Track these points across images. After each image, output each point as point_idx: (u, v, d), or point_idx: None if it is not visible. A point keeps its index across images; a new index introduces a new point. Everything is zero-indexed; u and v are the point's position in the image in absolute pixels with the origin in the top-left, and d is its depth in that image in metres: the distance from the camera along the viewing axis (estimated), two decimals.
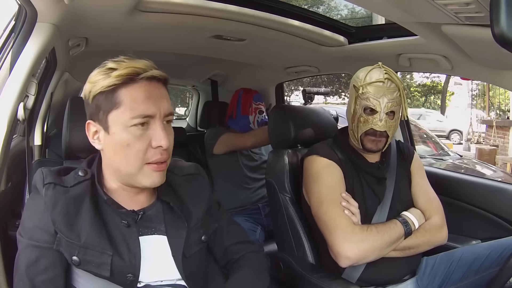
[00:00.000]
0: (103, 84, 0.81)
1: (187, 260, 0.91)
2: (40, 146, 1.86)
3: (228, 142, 2.11)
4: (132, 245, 0.85)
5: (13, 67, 1.00)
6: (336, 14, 12.40)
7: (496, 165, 6.56)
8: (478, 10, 0.86)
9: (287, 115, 1.57)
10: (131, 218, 0.88)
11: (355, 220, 1.21)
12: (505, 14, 0.59)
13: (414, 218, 1.27)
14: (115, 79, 0.80)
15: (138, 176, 0.84)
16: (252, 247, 1.07)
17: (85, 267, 0.82)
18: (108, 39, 1.54)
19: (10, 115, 0.98)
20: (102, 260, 0.82)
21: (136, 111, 0.81)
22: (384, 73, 1.27)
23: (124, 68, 0.81)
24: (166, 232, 0.91)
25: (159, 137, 0.82)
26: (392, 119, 1.29)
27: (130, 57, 0.84)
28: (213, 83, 2.71)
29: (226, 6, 1.26)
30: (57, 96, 2.19)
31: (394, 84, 1.27)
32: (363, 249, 1.16)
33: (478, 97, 12.14)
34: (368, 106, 1.28)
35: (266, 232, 2.05)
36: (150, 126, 0.83)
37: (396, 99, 1.27)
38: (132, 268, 0.84)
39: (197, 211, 0.96)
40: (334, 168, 1.30)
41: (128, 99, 0.81)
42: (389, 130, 1.29)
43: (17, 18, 1.08)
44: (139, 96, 0.81)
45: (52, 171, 0.87)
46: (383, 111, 1.26)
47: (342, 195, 1.25)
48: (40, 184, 0.84)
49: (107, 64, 0.83)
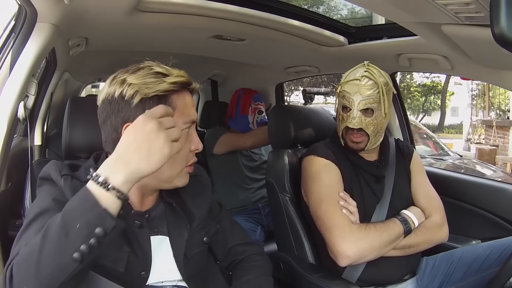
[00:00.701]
0: (159, 88, 0.80)
1: (188, 261, 0.91)
2: (40, 146, 1.86)
3: (228, 142, 2.11)
4: (144, 244, 0.86)
5: (13, 67, 1.00)
6: (336, 14, 12.40)
7: (496, 165, 6.56)
8: (478, 10, 0.86)
9: (287, 115, 1.57)
10: (143, 219, 0.88)
11: (354, 219, 1.21)
12: (505, 14, 0.59)
13: (413, 217, 1.27)
14: (172, 86, 0.82)
15: (176, 178, 0.87)
16: (256, 248, 1.09)
17: (100, 260, 0.80)
18: (108, 39, 1.54)
19: (10, 115, 0.98)
20: (119, 255, 0.82)
21: (188, 116, 0.85)
22: (364, 71, 1.28)
23: (177, 76, 0.83)
24: (168, 233, 0.91)
25: (196, 141, 0.89)
26: (371, 117, 1.27)
27: (158, 63, 0.86)
28: (213, 83, 2.72)
29: (226, 6, 1.26)
30: (57, 96, 2.20)
31: (373, 81, 1.26)
32: (362, 248, 1.16)
33: (478, 97, 12.14)
34: (343, 103, 1.30)
35: (266, 232, 2.05)
36: (189, 131, 0.87)
37: (372, 96, 1.26)
38: (145, 266, 0.85)
39: (199, 212, 0.96)
40: (332, 168, 1.30)
41: (181, 105, 0.84)
42: (367, 128, 1.27)
43: (17, 18, 1.08)
44: (188, 103, 0.86)
45: (65, 164, 0.86)
46: (356, 108, 1.26)
47: (340, 194, 1.25)
48: (56, 175, 0.82)
49: (152, 68, 0.83)
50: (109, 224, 0.63)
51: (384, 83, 1.28)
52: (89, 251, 0.62)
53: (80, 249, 0.61)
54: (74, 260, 0.61)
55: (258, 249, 1.09)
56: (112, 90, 0.82)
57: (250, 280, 0.98)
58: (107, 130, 0.85)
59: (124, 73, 0.84)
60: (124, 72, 0.85)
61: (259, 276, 1.00)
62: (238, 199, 2.12)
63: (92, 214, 0.63)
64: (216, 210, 1.06)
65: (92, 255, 0.63)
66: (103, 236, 0.62)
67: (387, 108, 1.28)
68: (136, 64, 0.86)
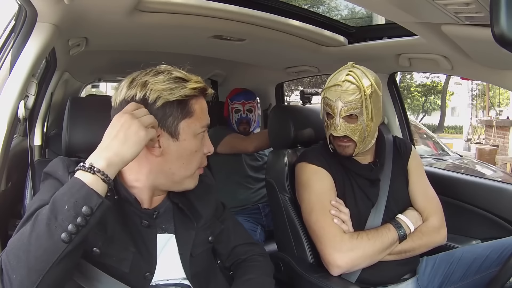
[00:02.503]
0: (181, 93, 0.84)
1: (193, 259, 0.92)
2: (40, 146, 1.86)
3: (231, 144, 2.11)
4: (150, 245, 0.87)
5: (13, 67, 1.00)
6: (336, 14, 12.40)
7: (496, 165, 6.56)
8: (478, 10, 0.86)
9: (287, 115, 1.57)
10: (151, 218, 0.89)
11: (345, 228, 1.20)
12: (505, 14, 0.59)
13: (409, 221, 1.25)
14: (192, 91, 0.85)
15: (188, 179, 0.90)
16: (258, 249, 1.10)
17: (105, 260, 0.82)
18: (108, 39, 1.54)
19: (10, 115, 0.99)
20: (124, 255, 0.83)
21: (204, 121, 0.90)
22: (346, 75, 1.23)
23: (195, 82, 0.87)
24: (175, 231, 0.92)
25: (209, 145, 0.93)
26: (355, 123, 1.22)
27: (175, 67, 0.89)
28: (213, 83, 2.72)
29: (226, 6, 1.26)
30: (57, 96, 2.20)
31: (354, 85, 1.21)
32: (354, 257, 1.15)
33: (478, 97, 12.14)
34: (327, 110, 1.26)
35: (266, 232, 2.05)
36: (203, 135, 0.91)
37: (355, 101, 1.21)
38: (149, 267, 0.86)
39: (205, 212, 0.97)
40: (323, 175, 1.28)
41: (198, 110, 0.88)
42: (353, 134, 1.23)
43: (17, 18, 1.08)
44: (204, 108, 0.90)
45: (72, 161, 0.87)
46: (339, 115, 1.22)
47: (331, 203, 1.23)
48: (63, 171, 0.83)
49: (172, 73, 0.86)
50: (95, 202, 0.67)
51: (367, 86, 1.21)
52: (76, 230, 0.65)
53: (68, 229, 0.64)
54: (62, 241, 0.64)
55: (260, 250, 1.10)
56: (133, 93, 0.84)
57: (251, 279, 0.99)
58: None
59: (144, 76, 0.85)
60: (144, 74, 0.86)
61: (260, 276, 1.01)
62: (239, 199, 2.12)
63: (78, 195, 0.67)
64: (220, 210, 1.07)
65: (80, 235, 0.66)
66: (90, 214, 0.66)
67: (372, 112, 1.22)
68: (153, 68, 0.88)
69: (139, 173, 0.87)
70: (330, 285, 1.16)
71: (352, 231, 1.21)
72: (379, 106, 1.28)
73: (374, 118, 1.24)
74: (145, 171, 0.87)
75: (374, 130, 1.28)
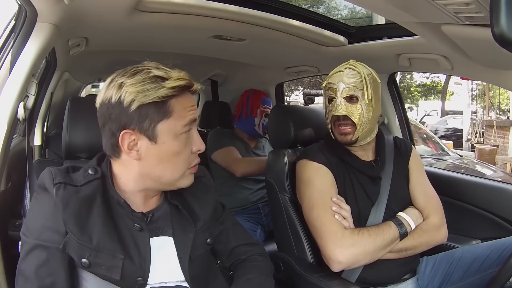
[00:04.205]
0: (157, 95, 0.79)
1: (192, 262, 0.91)
2: (40, 146, 1.86)
3: (224, 159, 2.09)
4: (143, 248, 0.85)
5: (13, 67, 1.00)
6: (336, 14, 12.41)
7: (496, 165, 6.56)
8: (478, 10, 0.86)
9: (287, 115, 1.57)
10: (143, 222, 0.88)
11: (346, 225, 1.20)
12: (505, 14, 0.59)
13: (410, 219, 1.25)
14: (171, 91, 0.80)
15: (179, 180, 0.88)
16: (258, 249, 1.09)
17: (95, 270, 0.81)
18: (108, 39, 1.54)
19: (10, 115, 0.98)
20: (113, 263, 0.81)
21: (186, 118, 0.84)
22: (348, 65, 1.30)
23: (176, 79, 0.81)
24: (173, 234, 0.91)
25: (198, 142, 0.88)
26: (356, 104, 1.27)
27: (159, 64, 0.85)
28: (213, 83, 2.71)
29: (226, 6, 1.25)
30: (57, 96, 2.20)
31: (355, 71, 1.28)
32: (355, 253, 1.15)
33: (478, 97, 12.12)
34: (329, 95, 1.31)
35: (266, 232, 2.04)
36: (190, 133, 0.86)
37: (356, 84, 1.27)
38: (142, 272, 0.84)
39: (204, 214, 0.96)
40: (324, 172, 1.29)
41: (179, 109, 0.83)
42: (352, 115, 1.27)
43: (17, 18, 1.08)
44: (187, 104, 0.84)
45: (61, 170, 0.85)
46: (340, 95, 1.27)
47: (333, 199, 1.23)
48: (49, 184, 0.82)
49: (150, 71, 0.81)
50: None
51: (367, 74, 1.28)
52: None
53: None
54: None
55: (260, 250, 1.09)
56: (109, 95, 0.81)
57: (251, 279, 0.98)
58: (106, 135, 0.85)
59: (122, 76, 0.82)
60: (122, 74, 0.83)
61: (260, 276, 1.00)
62: (238, 199, 2.11)
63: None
64: (219, 211, 1.07)
65: None
66: None
67: (371, 96, 1.27)
68: (135, 66, 0.84)
69: (128, 177, 0.87)
70: (330, 285, 1.16)
71: (353, 228, 1.21)
72: (378, 96, 1.33)
73: (374, 104, 1.29)
74: (133, 175, 0.86)
75: (374, 118, 1.31)
